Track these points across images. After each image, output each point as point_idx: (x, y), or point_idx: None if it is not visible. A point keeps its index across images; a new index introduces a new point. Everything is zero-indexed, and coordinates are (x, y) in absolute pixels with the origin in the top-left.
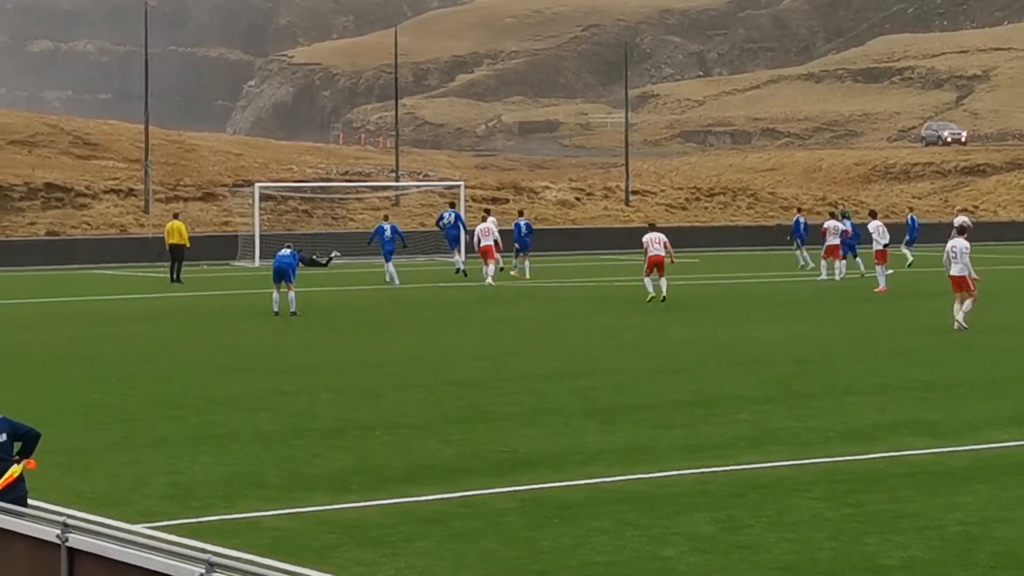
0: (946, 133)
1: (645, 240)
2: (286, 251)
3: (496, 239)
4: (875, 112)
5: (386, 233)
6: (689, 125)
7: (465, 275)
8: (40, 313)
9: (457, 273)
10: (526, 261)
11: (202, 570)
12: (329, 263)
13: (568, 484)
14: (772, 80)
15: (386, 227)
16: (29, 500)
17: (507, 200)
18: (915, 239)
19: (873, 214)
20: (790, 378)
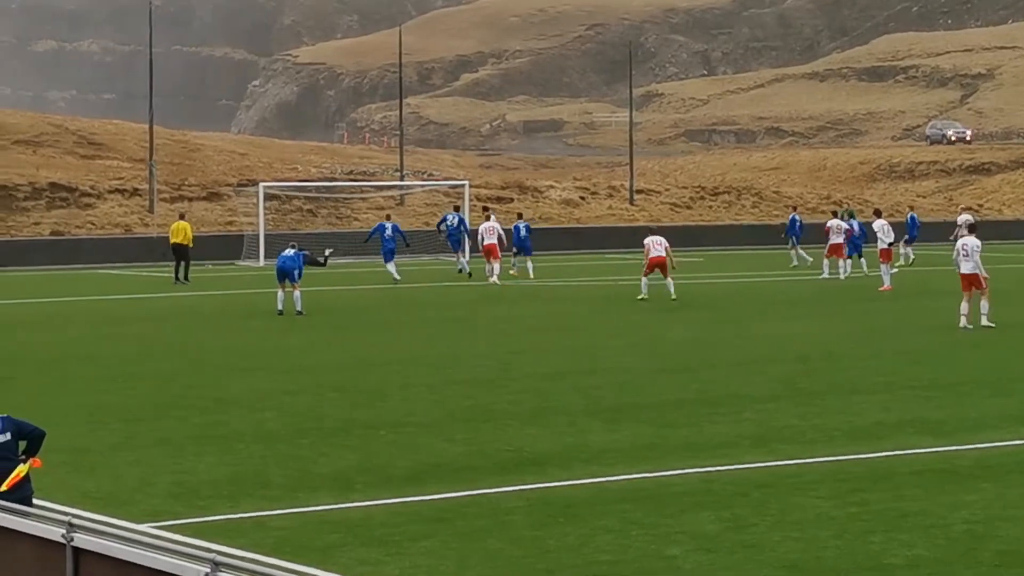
0: (950, 132)
1: (647, 243)
2: (290, 251)
3: (500, 236)
4: (879, 111)
5: (387, 232)
6: (693, 124)
7: (470, 276)
8: (44, 313)
9: (460, 273)
10: (529, 262)
11: (207, 569)
12: (327, 262)
13: (573, 483)
14: (776, 79)
15: (387, 226)
16: (34, 500)
17: (511, 199)
18: (915, 238)
19: (878, 213)
20: (795, 377)
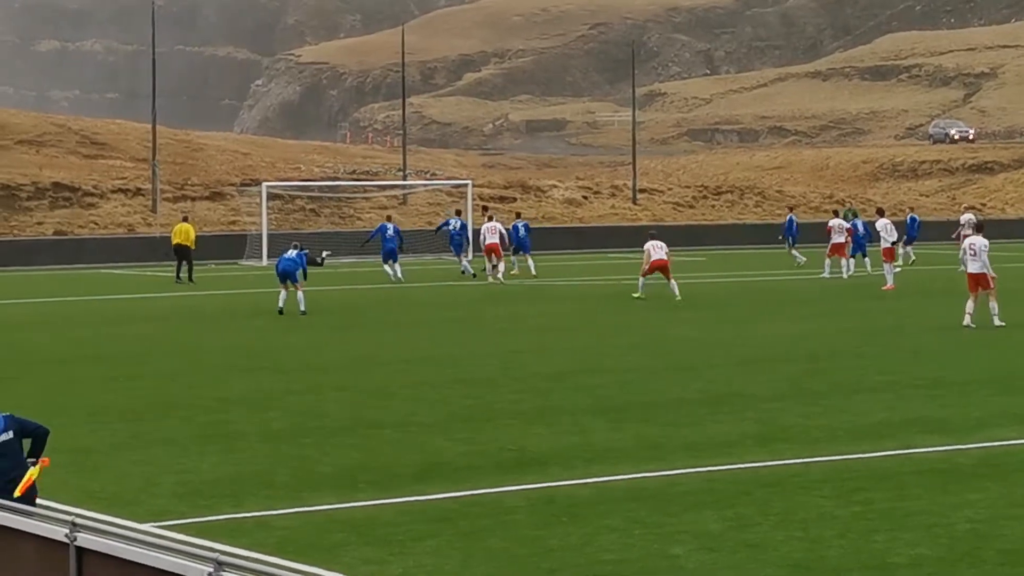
0: (954, 131)
1: (647, 248)
2: (292, 252)
3: (502, 235)
4: (882, 110)
5: (388, 232)
6: (696, 123)
7: (474, 276)
8: (48, 313)
9: (464, 275)
10: (529, 259)
11: (211, 569)
12: (323, 262)
13: (576, 482)
14: (779, 78)
15: (388, 227)
16: (38, 499)
17: (514, 199)
18: (914, 238)
19: (881, 212)
20: (798, 376)
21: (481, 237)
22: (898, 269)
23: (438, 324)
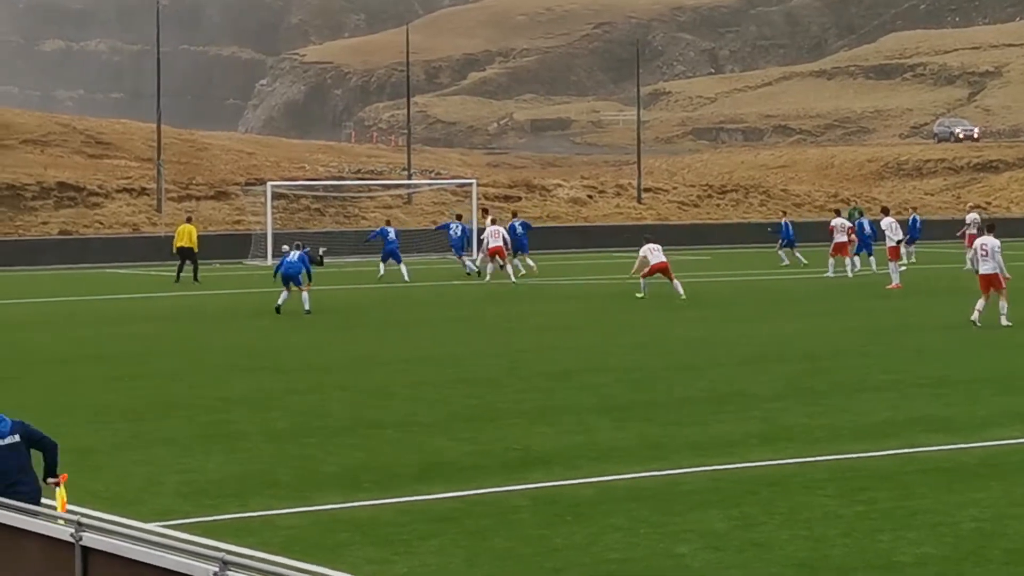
0: (958, 129)
1: (643, 253)
2: (294, 255)
3: (505, 238)
4: (887, 109)
5: (390, 235)
6: (701, 122)
7: (479, 274)
8: (52, 312)
9: (469, 275)
10: (528, 258)
11: (216, 568)
12: (323, 261)
13: (581, 482)
14: (784, 77)
15: (390, 230)
16: (43, 499)
17: (519, 198)
18: (916, 238)
19: (885, 211)
20: (802, 375)
21: (484, 241)
22: (903, 268)
23: (441, 323)
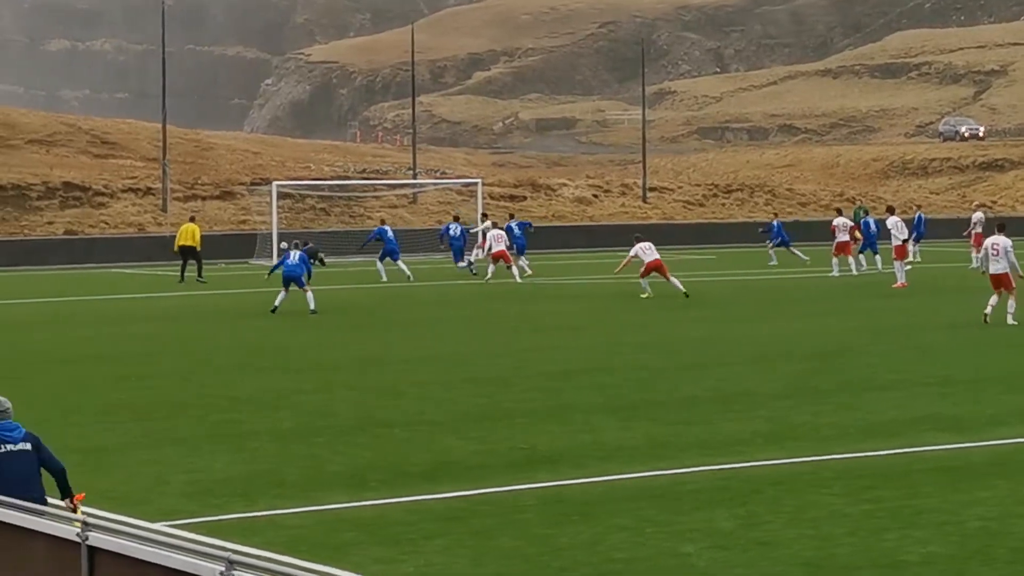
0: (964, 128)
1: (636, 251)
2: (294, 256)
3: (507, 242)
4: (892, 108)
5: (388, 233)
6: (706, 121)
7: (474, 273)
8: (58, 312)
9: (474, 273)
10: (523, 259)
11: (222, 568)
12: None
13: (587, 481)
14: (789, 76)
15: (387, 229)
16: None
17: (524, 198)
18: (922, 236)
19: (891, 210)
20: (808, 374)
21: (487, 246)
22: (909, 267)
23: (447, 323)
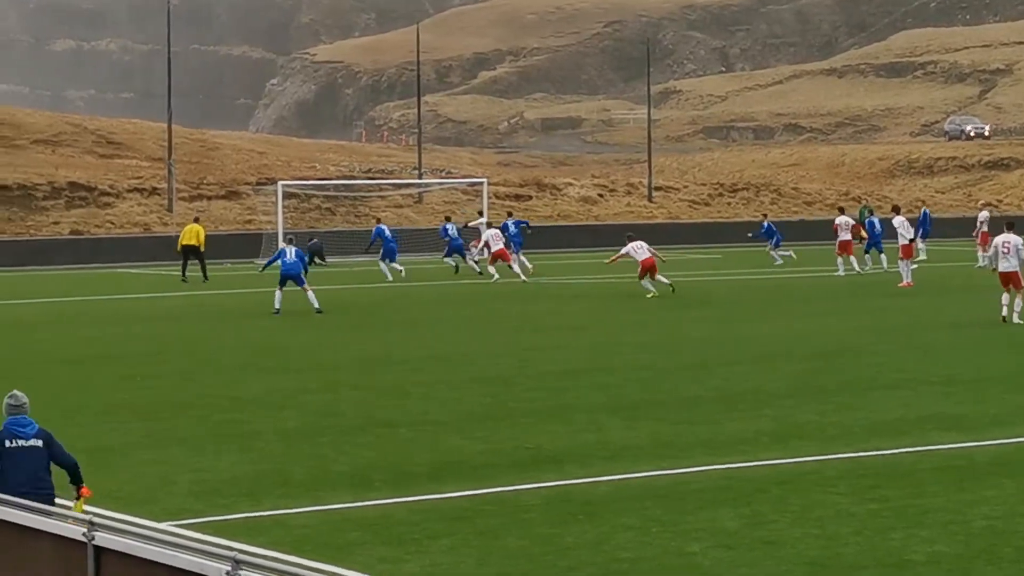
0: (969, 127)
1: (628, 249)
2: (291, 253)
3: (503, 240)
4: (898, 107)
5: (386, 233)
6: (711, 121)
7: (456, 270)
8: (64, 312)
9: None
10: (521, 256)
11: (228, 568)
12: (325, 258)
13: (592, 480)
14: (794, 75)
15: (384, 228)
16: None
17: (530, 197)
18: (928, 233)
19: (896, 209)
20: (814, 373)
21: (483, 242)
22: (915, 266)
23: (452, 322)
